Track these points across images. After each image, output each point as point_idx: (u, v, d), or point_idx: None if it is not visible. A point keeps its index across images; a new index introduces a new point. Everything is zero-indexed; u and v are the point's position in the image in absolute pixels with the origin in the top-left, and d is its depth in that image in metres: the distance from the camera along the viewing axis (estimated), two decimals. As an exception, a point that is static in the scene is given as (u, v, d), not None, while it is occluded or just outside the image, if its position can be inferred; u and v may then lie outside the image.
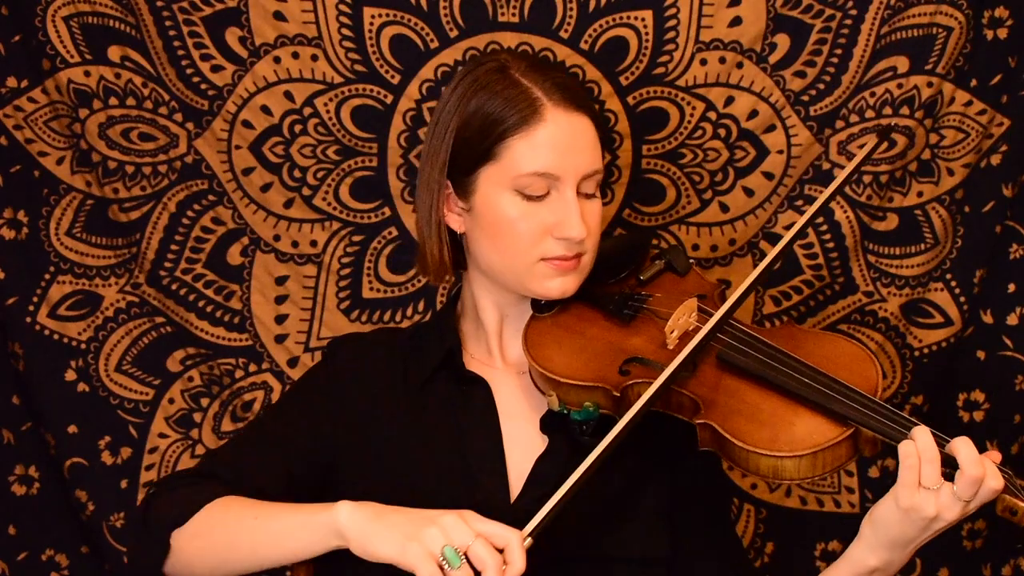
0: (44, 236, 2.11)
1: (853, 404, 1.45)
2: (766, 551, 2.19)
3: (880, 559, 1.45)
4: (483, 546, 1.34)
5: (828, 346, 1.57)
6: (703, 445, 1.48)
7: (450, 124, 1.60)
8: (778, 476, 1.44)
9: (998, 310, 2.12)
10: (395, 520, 1.39)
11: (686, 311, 1.58)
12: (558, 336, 1.61)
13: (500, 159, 1.56)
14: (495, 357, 1.68)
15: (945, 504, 1.38)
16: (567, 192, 1.56)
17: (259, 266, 2.13)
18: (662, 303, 1.64)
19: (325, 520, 1.42)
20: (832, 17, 2.03)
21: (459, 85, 1.61)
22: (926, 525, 1.40)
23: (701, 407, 1.48)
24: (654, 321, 1.61)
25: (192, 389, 2.16)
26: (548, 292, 1.60)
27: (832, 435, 1.43)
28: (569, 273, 1.59)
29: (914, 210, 2.10)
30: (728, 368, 1.53)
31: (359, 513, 1.41)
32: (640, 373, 1.53)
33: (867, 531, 1.46)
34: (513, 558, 1.35)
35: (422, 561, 1.33)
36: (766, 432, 1.44)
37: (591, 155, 1.59)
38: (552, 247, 1.57)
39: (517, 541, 1.35)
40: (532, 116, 1.55)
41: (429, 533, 1.35)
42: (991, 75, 2.05)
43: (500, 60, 1.61)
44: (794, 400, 1.47)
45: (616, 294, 1.66)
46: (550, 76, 1.59)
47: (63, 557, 2.17)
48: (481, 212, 1.59)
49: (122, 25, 2.06)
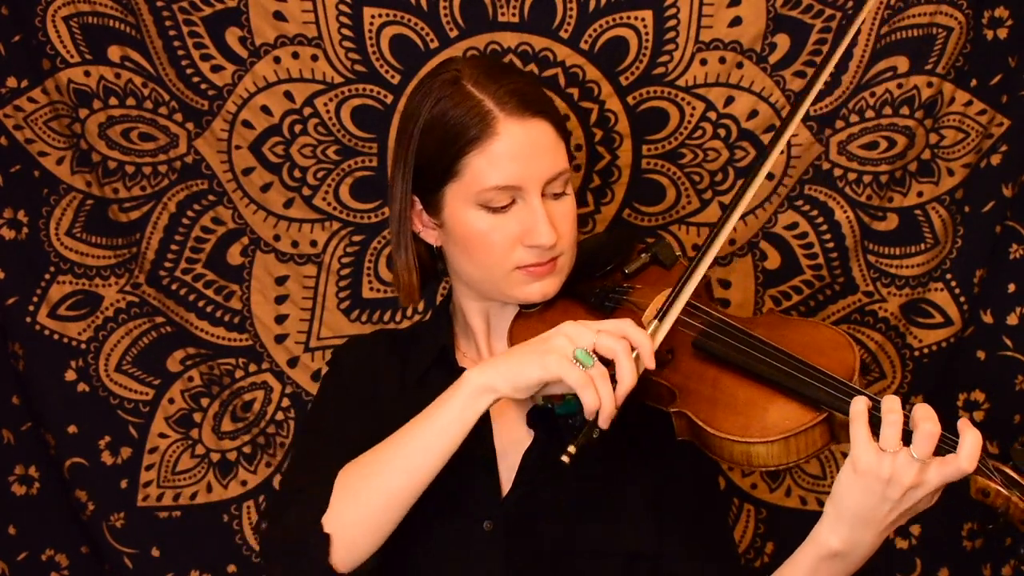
0: (44, 236, 2.11)
1: (826, 388, 1.44)
2: (766, 551, 2.19)
3: (841, 538, 1.42)
4: (607, 338, 1.42)
5: (807, 332, 1.57)
6: (680, 434, 1.49)
7: (411, 141, 1.61)
8: (752, 463, 1.44)
9: (998, 310, 2.12)
10: (523, 350, 1.46)
11: (664, 298, 1.59)
12: (542, 332, 1.61)
13: (462, 176, 1.57)
14: (484, 356, 1.69)
15: (901, 464, 1.35)
16: (532, 200, 1.56)
17: (259, 266, 2.13)
18: (644, 295, 1.65)
19: (464, 392, 1.46)
20: (832, 17, 2.03)
21: (415, 99, 1.62)
22: (883, 491, 1.37)
23: (677, 395, 1.49)
24: (634, 312, 1.62)
25: (192, 389, 2.16)
26: (529, 297, 1.61)
27: (804, 420, 1.43)
28: (546, 277, 1.60)
29: (914, 210, 2.10)
30: (704, 356, 1.53)
31: (489, 366, 1.46)
32: None
33: (828, 507, 1.44)
34: (638, 340, 1.44)
35: (566, 368, 1.41)
36: (739, 419, 1.45)
37: (552, 159, 1.58)
38: (524, 255, 1.58)
39: (632, 325, 1.45)
40: (485, 130, 1.55)
41: (558, 343, 1.43)
42: (991, 75, 2.05)
43: (452, 71, 1.60)
44: (769, 387, 1.47)
45: (599, 287, 1.67)
46: (503, 83, 1.57)
47: (63, 557, 2.17)
48: (452, 228, 1.60)
49: (122, 25, 2.06)
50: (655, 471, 1.62)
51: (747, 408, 1.46)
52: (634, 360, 1.43)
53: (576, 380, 1.40)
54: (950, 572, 2.17)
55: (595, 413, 1.41)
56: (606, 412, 1.41)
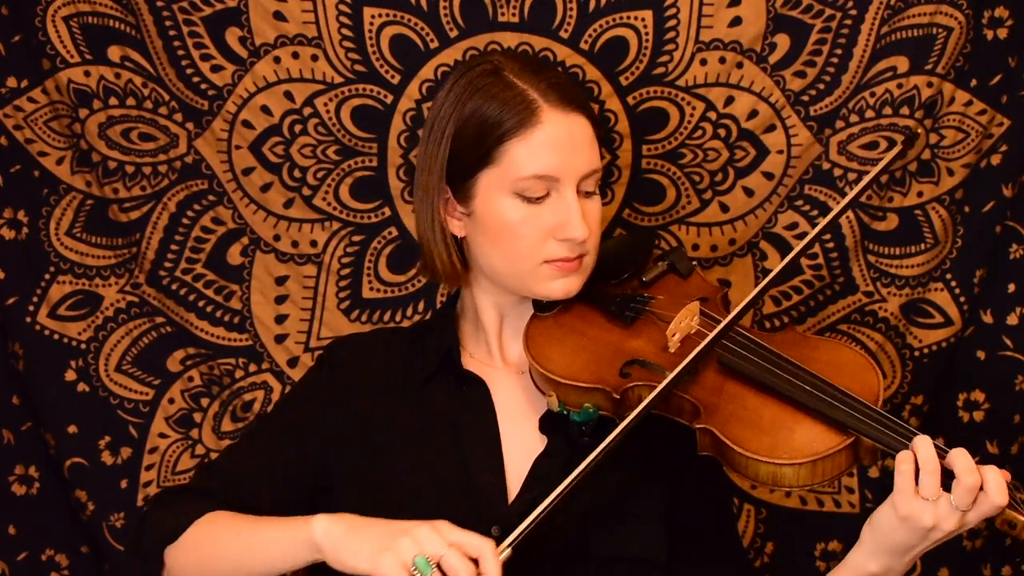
0: (44, 236, 2.11)
1: (854, 413, 1.44)
2: (766, 551, 2.19)
3: (880, 565, 1.45)
4: (455, 555, 1.34)
5: (830, 353, 1.56)
6: (702, 450, 1.48)
7: (446, 129, 1.59)
8: (777, 483, 1.43)
9: (998, 310, 2.12)
10: (368, 533, 1.40)
11: (688, 315, 1.58)
12: (559, 336, 1.61)
13: (499, 163, 1.56)
14: (495, 357, 1.68)
15: (943, 515, 1.38)
16: (567, 193, 1.56)
17: (259, 266, 2.13)
18: (664, 305, 1.64)
19: (302, 535, 1.45)
20: (832, 17, 2.03)
21: (452, 89, 1.61)
22: (925, 534, 1.40)
23: (701, 411, 1.48)
24: (656, 324, 1.61)
25: (192, 389, 2.16)
26: (552, 293, 1.60)
27: (832, 444, 1.42)
28: (572, 274, 1.59)
29: (914, 210, 2.10)
30: (729, 373, 1.52)
31: (334, 527, 1.43)
32: (641, 376, 1.53)
33: (867, 536, 1.45)
34: (487, 568, 1.35)
35: (394, 571, 1.34)
36: (766, 439, 1.44)
37: (589, 155, 1.58)
38: (555, 249, 1.57)
39: (490, 551, 1.36)
40: (529, 118, 1.55)
41: (401, 544, 1.35)
42: (991, 75, 2.04)
43: (493, 62, 1.60)
44: (795, 407, 1.47)
45: (618, 295, 1.66)
46: (545, 77, 1.58)
47: (63, 557, 2.17)
48: (482, 216, 1.59)
49: (122, 25, 2.06)
50: (668, 481, 1.61)
51: (773, 428, 1.45)
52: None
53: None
54: (950, 572, 2.17)
55: None
56: None
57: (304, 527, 1.45)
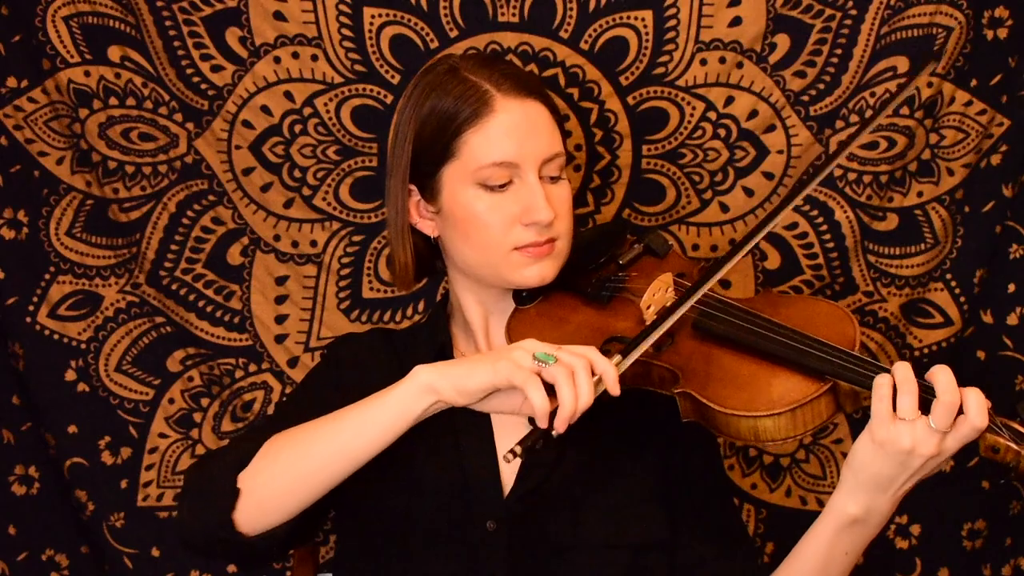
0: (44, 236, 2.11)
1: (829, 358, 1.45)
2: (766, 551, 2.19)
3: (860, 505, 1.44)
4: (568, 354, 1.39)
5: (805, 308, 1.57)
6: (685, 416, 1.49)
7: (408, 131, 1.62)
8: (759, 438, 1.44)
9: (998, 310, 2.12)
10: (474, 358, 1.43)
11: (661, 286, 1.60)
12: (540, 326, 1.61)
13: (459, 155, 1.58)
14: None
15: (921, 437, 1.37)
16: (529, 177, 1.58)
17: (259, 266, 2.13)
18: (639, 282, 1.65)
19: (407, 388, 1.43)
20: (832, 17, 2.03)
21: (412, 93, 1.64)
22: (903, 460, 1.38)
23: (680, 377, 1.49)
24: (632, 300, 1.62)
25: (192, 389, 2.16)
26: (527, 280, 1.61)
27: (809, 391, 1.43)
28: (544, 259, 1.60)
29: (914, 210, 2.10)
30: (704, 336, 1.54)
31: (437, 367, 1.43)
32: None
33: (846, 474, 1.45)
34: (599, 363, 1.39)
35: (516, 371, 1.37)
36: (744, 394, 1.45)
37: (548, 139, 1.60)
38: (522, 235, 1.58)
39: (595, 352, 1.41)
40: (483, 108, 1.57)
41: (516, 353, 1.40)
42: (991, 75, 2.05)
43: (449, 63, 1.64)
44: (771, 361, 1.48)
45: (594, 278, 1.67)
46: (498, 68, 1.61)
47: (63, 557, 2.17)
48: (450, 211, 1.61)
49: (122, 25, 2.06)
50: (661, 459, 1.62)
51: (751, 383, 1.46)
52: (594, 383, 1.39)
53: (523, 380, 1.37)
54: (950, 572, 2.17)
55: (547, 417, 1.37)
56: (562, 415, 1.36)
57: (406, 383, 1.43)
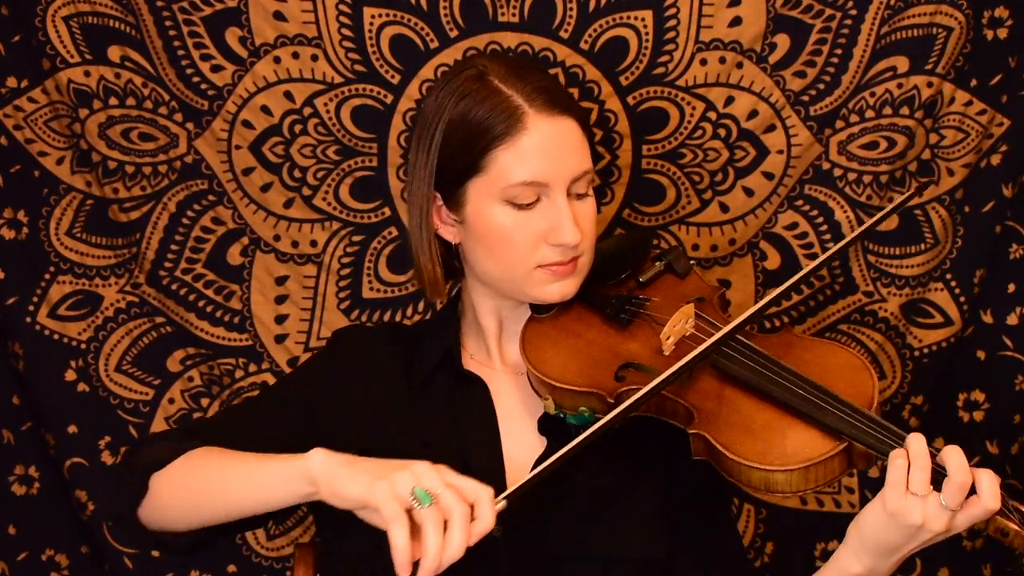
0: (44, 236, 2.11)
1: (847, 418, 1.43)
2: (766, 551, 2.19)
3: (864, 566, 1.44)
4: (452, 495, 1.32)
5: (824, 355, 1.55)
6: (696, 455, 1.48)
7: (433, 137, 1.58)
8: (770, 489, 1.43)
9: (998, 310, 2.12)
10: (366, 466, 1.39)
11: (683, 317, 1.57)
12: (555, 338, 1.60)
13: (487, 171, 1.55)
14: (494, 359, 1.68)
15: (932, 513, 1.36)
16: (557, 198, 1.55)
17: (259, 266, 2.13)
18: (660, 307, 1.63)
19: (297, 466, 1.42)
20: (832, 17, 2.03)
21: (438, 96, 1.60)
22: (912, 533, 1.38)
23: (695, 416, 1.47)
24: (651, 326, 1.60)
25: (192, 389, 2.16)
26: (548, 297, 1.60)
27: (824, 449, 1.42)
28: (567, 277, 1.59)
29: (914, 210, 2.10)
30: (724, 377, 1.52)
31: (331, 459, 1.41)
32: (636, 379, 1.52)
33: (853, 535, 1.44)
34: (482, 512, 1.33)
35: (388, 500, 1.32)
36: (758, 445, 1.43)
37: (578, 157, 1.57)
38: (548, 254, 1.56)
39: (487, 497, 1.34)
40: (514, 124, 1.53)
41: (400, 475, 1.34)
42: (991, 75, 2.05)
43: (478, 67, 1.59)
44: (788, 412, 1.46)
45: (615, 296, 1.65)
46: (530, 81, 1.56)
47: (63, 557, 2.17)
48: (474, 224, 1.58)
49: (122, 25, 2.06)
50: (666, 479, 1.60)
51: (766, 432, 1.45)
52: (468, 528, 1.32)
53: (390, 515, 1.31)
54: (950, 572, 2.17)
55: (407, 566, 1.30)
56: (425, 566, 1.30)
57: (299, 459, 1.42)
